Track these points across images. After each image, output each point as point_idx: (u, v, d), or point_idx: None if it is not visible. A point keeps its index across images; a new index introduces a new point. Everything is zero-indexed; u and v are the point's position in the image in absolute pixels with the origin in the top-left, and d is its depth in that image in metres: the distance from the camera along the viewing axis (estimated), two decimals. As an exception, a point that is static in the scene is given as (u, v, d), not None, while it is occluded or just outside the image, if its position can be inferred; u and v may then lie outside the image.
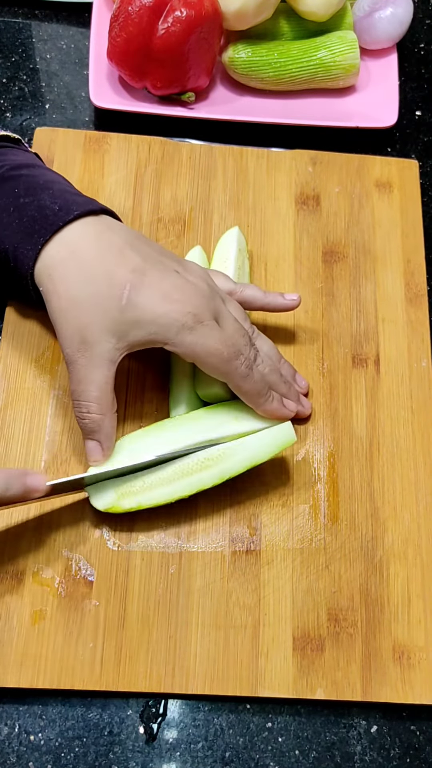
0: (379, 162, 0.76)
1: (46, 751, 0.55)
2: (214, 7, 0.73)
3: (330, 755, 0.56)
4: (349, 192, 0.74)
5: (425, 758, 0.57)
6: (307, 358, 0.67)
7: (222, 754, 0.56)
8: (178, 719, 0.57)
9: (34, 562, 0.58)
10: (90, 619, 0.57)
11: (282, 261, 0.71)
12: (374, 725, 0.58)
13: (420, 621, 0.59)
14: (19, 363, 0.64)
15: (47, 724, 0.56)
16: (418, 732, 0.58)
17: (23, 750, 0.55)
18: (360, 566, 0.61)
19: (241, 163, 0.75)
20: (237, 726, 0.57)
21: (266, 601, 0.59)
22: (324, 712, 0.58)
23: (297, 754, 0.56)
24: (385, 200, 0.74)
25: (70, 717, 0.56)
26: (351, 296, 0.70)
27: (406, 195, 0.75)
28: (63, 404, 0.63)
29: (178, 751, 0.56)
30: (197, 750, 0.56)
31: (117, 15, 0.71)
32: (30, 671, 0.56)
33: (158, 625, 0.57)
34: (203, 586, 0.59)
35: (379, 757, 0.57)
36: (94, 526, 0.60)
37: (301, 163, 0.75)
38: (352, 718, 0.58)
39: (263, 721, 0.57)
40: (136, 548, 0.59)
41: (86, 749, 0.55)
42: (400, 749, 0.57)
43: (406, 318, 0.70)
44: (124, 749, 0.56)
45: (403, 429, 0.65)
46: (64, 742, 0.56)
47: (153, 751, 0.56)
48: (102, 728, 0.56)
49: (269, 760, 0.56)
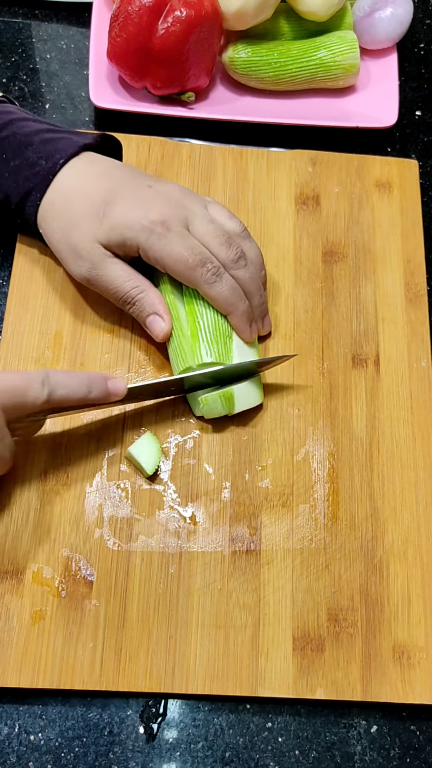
0: (379, 162, 0.76)
1: (46, 751, 0.55)
2: (214, 7, 0.73)
3: (330, 755, 0.56)
4: (348, 192, 0.74)
5: (425, 758, 0.57)
6: (306, 359, 0.67)
7: (222, 754, 0.56)
8: (178, 719, 0.57)
9: (34, 562, 0.58)
10: (90, 619, 0.57)
11: (282, 261, 0.71)
12: (374, 725, 0.58)
13: (420, 621, 0.59)
14: (19, 363, 0.64)
15: (47, 724, 0.56)
16: (418, 732, 0.58)
17: (23, 750, 0.55)
18: (360, 566, 0.61)
19: (240, 163, 0.75)
20: (237, 726, 0.57)
21: (266, 601, 0.59)
22: (324, 712, 0.58)
23: (297, 754, 0.56)
24: (384, 200, 0.74)
25: (70, 717, 0.56)
26: (351, 296, 0.70)
27: (406, 195, 0.75)
28: (63, 404, 0.63)
29: (178, 751, 0.56)
30: (197, 750, 0.56)
31: (117, 15, 0.71)
32: (30, 671, 0.56)
33: (158, 625, 0.57)
34: (203, 586, 0.59)
35: (379, 757, 0.57)
36: (94, 526, 0.60)
37: (301, 163, 0.75)
38: (352, 718, 0.58)
39: (263, 721, 0.57)
40: (136, 548, 0.59)
41: (86, 749, 0.55)
42: (400, 749, 0.57)
43: (405, 318, 0.70)
44: (124, 749, 0.56)
45: (403, 429, 0.65)
46: (64, 742, 0.56)
47: (153, 751, 0.56)
48: (102, 728, 0.56)
49: (269, 760, 0.56)
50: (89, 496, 0.61)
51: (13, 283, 0.67)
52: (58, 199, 0.62)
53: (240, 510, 0.61)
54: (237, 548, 0.60)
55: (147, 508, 0.61)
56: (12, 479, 0.60)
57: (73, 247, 0.62)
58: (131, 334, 0.66)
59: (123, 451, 0.62)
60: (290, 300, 0.69)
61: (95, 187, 0.62)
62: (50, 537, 0.59)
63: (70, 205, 0.62)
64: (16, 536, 0.59)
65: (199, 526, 0.61)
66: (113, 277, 0.62)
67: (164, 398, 0.64)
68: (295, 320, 0.68)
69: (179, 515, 0.61)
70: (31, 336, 0.65)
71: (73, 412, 0.59)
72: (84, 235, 0.61)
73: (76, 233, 0.62)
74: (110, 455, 0.62)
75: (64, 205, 0.62)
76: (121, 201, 0.61)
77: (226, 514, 0.61)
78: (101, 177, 0.63)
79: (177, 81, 0.74)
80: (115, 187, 0.62)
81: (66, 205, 0.62)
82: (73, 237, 0.62)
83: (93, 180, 0.62)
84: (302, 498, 0.62)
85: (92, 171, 0.63)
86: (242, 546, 0.60)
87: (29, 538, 0.59)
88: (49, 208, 0.63)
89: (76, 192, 0.62)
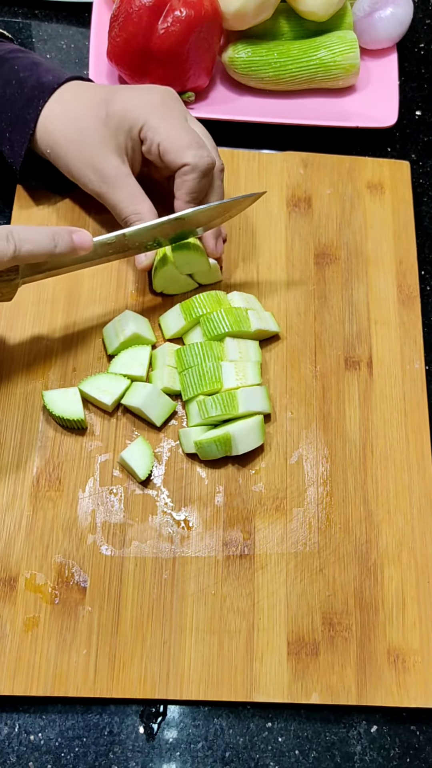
0: (371, 163, 0.76)
1: (46, 751, 0.55)
2: (214, 7, 0.73)
3: (330, 755, 0.56)
4: (340, 194, 0.74)
5: (425, 758, 0.57)
6: (299, 361, 0.67)
7: (222, 754, 0.56)
8: (178, 719, 0.57)
9: (27, 568, 0.58)
10: (83, 626, 0.57)
11: (274, 263, 0.71)
12: (374, 725, 0.58)
13: (414, 624, 0.59)
14: (11, 368, 0.64)
15: (47, 724, 0.56)
16: (418, 732, 0.58)
17: (23, 750, 0.55)
18: (354, 569, 0.60)
19: (232, 165, 0.74)
20: (237, 726, 0.57)
21: (260, 605, 0.59)
22: (324, 712, 0.58)
23: (297, 754, 0.56)
24: (376, 202, 0.74)
25: (69, 717, 0.56)
26: (343, 298, 0.70)
27: (398, 196, 0.75)
28: (55, 409, 0.63)
29: (178, 751, 0.56)
30: (197, 750, 0.56)
31: (117, 15, 0.71)
32: (23, 679, 0.55)
33: (152, 631, 0.57)
34: (197, 591, 0.59)
35: (379, 757, 0.57)
36: (87, 532, 0.59)
37: (293, 165, 0.75)
38: (352, 718, 0.58)
39: (263, 721, 0.57)
40: (130, 554, 0.59)
41: (86, 749, 0.55)
42: (400, 749, 0.57)
43: (398, 320, 0.70)
44: (124, 749, 0.55)
45: (396, 431, 0.65)
46: (64, 742, 0.55)
47: (153, 751, 0.56)
48: (102, 728, 0.56)
49: (269, 760, 0.56)
50: (82, 501, 0.60)
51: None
52: (57, 108, 0.64)
53: (233, 514, 0.61)
54: (231, 553, 0.60)
55: (140, 514, 0.60)
56: (3, 485, 0.60)
57: (85, 160, 0.63)
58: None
59: (115, 456, 0.62)
60: (282, 302, 0.69)
61: (94, 95, 0.65)
62: (43, 543, 0.59)
63: (72, 115, 0.63)
64: (9, 543, 0.59)
65: (192, 531, 0.60)
66: (120, 198, 0.64)
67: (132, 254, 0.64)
68: (288, 323, 0.68)
69: (172, 520, 0.61)
70: (23, 340, 0.65)
71: (46, 275, 0.60)
72: (94, 143, 0.63)
73: (86, 143, 0.63)
74: (102, 460, 0.62)
75: (64, 111, 0.64)
76: (121, 94, 0.64)
77: (219, 518, 0.61)
78: (98, 89, 0.66)
79: (177, 81, 0.74)
80: (112, 89, 0.65)
81: (70, 116, 0.63)
82: (83, 149, 0.63)
83: (92, 91, 0.65)
84: (296, 501, 0.62)
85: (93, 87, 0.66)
86: (236, 550, 0.60)
87: (22, 544, 0.59)
88: (50, 116, 0.64)
89: (79, 102, 0.64)
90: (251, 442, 0.61)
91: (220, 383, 0.62)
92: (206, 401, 0.61)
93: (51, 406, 0.61)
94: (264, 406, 0.62)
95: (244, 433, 0.61)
